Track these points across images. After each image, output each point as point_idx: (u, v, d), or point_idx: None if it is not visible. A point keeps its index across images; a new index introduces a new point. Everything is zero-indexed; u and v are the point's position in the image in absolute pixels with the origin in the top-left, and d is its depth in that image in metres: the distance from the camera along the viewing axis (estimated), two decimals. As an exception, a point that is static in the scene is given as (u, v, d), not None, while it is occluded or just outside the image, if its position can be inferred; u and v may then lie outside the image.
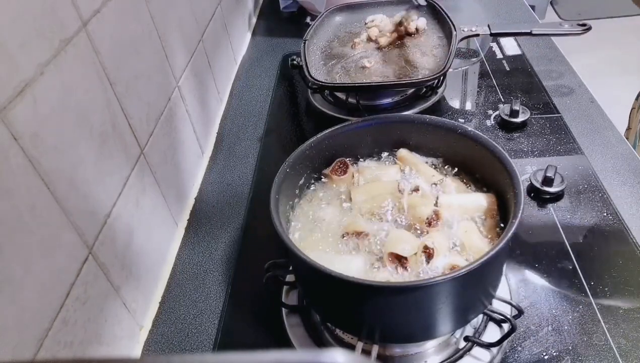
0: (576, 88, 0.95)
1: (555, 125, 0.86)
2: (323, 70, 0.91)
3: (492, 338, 0.55)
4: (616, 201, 0.71)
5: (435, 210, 0.54)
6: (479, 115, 0.91)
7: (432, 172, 0.61)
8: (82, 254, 0.50)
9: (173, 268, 0.70)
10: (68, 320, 0.47)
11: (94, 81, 0.54)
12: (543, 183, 0.73)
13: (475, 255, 0.51)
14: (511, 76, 1.00)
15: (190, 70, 0.83)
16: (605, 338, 0.56)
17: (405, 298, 0.46)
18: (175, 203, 0.74)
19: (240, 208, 0.78)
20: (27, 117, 0.43)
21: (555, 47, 1.07)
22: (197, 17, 0.89)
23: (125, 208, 0.59)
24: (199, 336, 0.62)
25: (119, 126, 0.58)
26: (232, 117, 0.98)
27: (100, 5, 0.56)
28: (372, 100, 0.93)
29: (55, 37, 0.47)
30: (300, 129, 0.95)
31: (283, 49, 1.19)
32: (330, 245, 0.55)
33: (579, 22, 0.92)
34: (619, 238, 0.66)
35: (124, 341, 0.58)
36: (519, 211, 0.47)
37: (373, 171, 0.62)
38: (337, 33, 1.02)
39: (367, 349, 0.53)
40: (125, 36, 0.61)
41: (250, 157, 0.88)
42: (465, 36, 0.95)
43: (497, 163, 0.54)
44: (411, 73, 0.87)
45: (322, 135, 0.61)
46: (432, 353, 0.55)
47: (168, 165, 0.72)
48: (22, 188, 0.42)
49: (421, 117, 0.63)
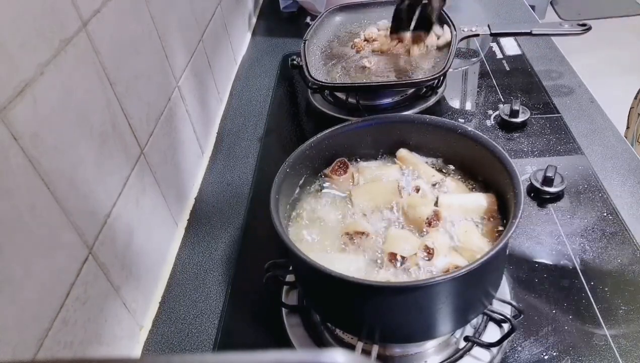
0: (576, 88, 0.95)
1: (555, 125, 0.86)
2: (323, 70, 0.91)
3: (492, 338, 0.55)
4: (616, 201, 0.71)
5: (435, 210, 0.54)
6: (479, 115, 0.91)
7: (432, 172, 0.61)
8: (82, 254, 0.50)
9: (173, 268, 0.70)
10: (68, 320, 0.47)
11: (94, 81, 0.54)
12: (543, 183, 0.73)
13: (475, 255, 0.50)
14: (511, 76, 0.99)
15: (190, 70, 0.83)
16: (605, 338, 0.56)
17: (405, 298, 0.46)
18: (175, 203, 0.74)
19: (240, 208, 0.78)
20: (27, 117, 0.43)
21: (555, 47, 1.07)
22: (197, 17, 0.89)
23: (125, 208, 0.59)
24: (199, 336, 0.62)
25: (119, 126, 0.58)
26: (232, 117, 0.98)
27: (100, 5, 0.56)
28: (372, 100, 0.93)
29: (55, 37, 0.47)
30: (300, 129, 0.95)
31: (283, 49, 1.19)
32: (330, 245, 0.55)
33: (579, 22, 0.92)
34: (619, 238, 0.66)
35: (124, 341, 0.58)
36: (519, 211, 0.47)
37: (373, 171, 0.62)
38: (337, 33, 1.01)
39: (367, 349, 0.53)
40: (125, 36, 0.61)
41: (250, 157, 0.88)
42: (465, 36, 0.95)
43: (497, 163, 0.54)
44: (411, 73, 0.87)
45: (322, 135, 0.61)
46: (432, 353, 0.55)
47: (168, 165, 0.72)
48: (22, 189, 0.42)
49: (421, 117, 0.63)
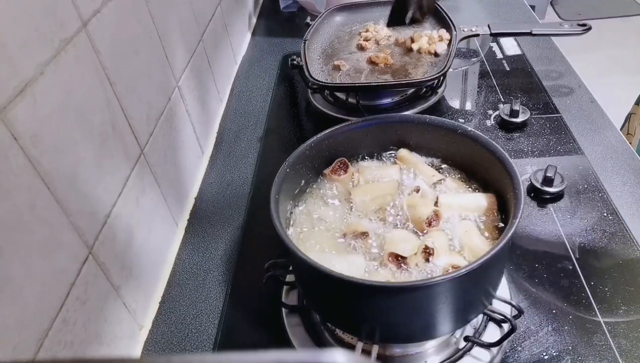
0: (576, 88, 0.95)
1: (555, 125, 0.86)
2: (323, 70, 0.91)
3: (492, 338, 0.55)
4: (616, 201, 0.71)
5: (435, 210, 0.54)
6: (479, 115, 0.91)
7: (432, 172, 0.61)
8: (82, 254, 0.50)
9: (173, 268, 0.70)
10: (68, 320, 0.47)
11: (94, 81, 0.54)
12: (543, 183, 0.73)
13: (475, 255, 0.50)
14: (511, 76, 0.99)
15: (190, 70, 0.83)
16: (605, 338, 0.56)
17: (405, 298, 0.46)
18: (175, 203, 0.74)
19: (240, 209, 0.78)
20: (27, 117, 0.43)
21: (555, 47, 1.07)
22: (197, 17, 0.89)
23: (125, 208, 0.59)
24: (199, 336, 0.62)
25: (119, 126, 0.58)
26: (232, 117, 0.98)
27: (100, 5, 0.56)
28: (372, 100, 0.93)
29: (55, 37, 0.47)
30: (300, 129, 0.95)
31: (283, 49, 1.19)
32: (330, 245, 0.55)
33: (579, 22, 0.92)
34: (619, 239, 0.66)
35: (124, 341, 0.58)
36: (519, 211, 0.47)
37: (373, 171, 0.62)
38: (337, 33, 1.01)
39: (367, 349, 0.53)
40: (125, 36, 0.61)
41: (250, 157, 0.88)
42: (465, 36, 0.95)
43: (497, 163, 0.54)
44: (411, 73, 0.87)
45: (322, 135, 0.61)
46: (432, 353, 0.55)
47: (168, 165, 0.72)
48: (22, 189, 0.42)
49: (421, 117, 0.63)
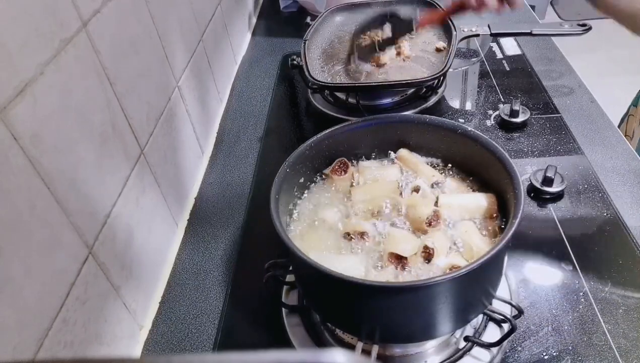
0: (576, 88, 0.95)
1: (555, 125, 0.86)
2: (323, 70, 0.91)
3: (492, 338, 0.55)
4: (616, 201, 0.71)
5: (435, 210, 0.54)
6: (479, 115, 0.91)
7: (432, 172, 0.61)
8: (82, 254, 0.50)
9: (173, 268, 0.70)
10: (68, 320, 0.47)
11: (94, 81, 0.54)
12: (543, 183, 0.73)
13: (475, 255, 0.50)
14: (511, 76, 0.99)
15: (190, 70, 0.83)
16: (605, 338, 0.56)
17: (405, 298, 0.46)
18: (175, 203, 0.74)
19: (240, 208, 0.78)
20: (27, 117, 0.43)
21: (555, 47, 1.07)
22: (197, 17, 0.89)
23: (125, 208, 0.59)
24: (199, 336, 0.62)
25: (119, 126, 0.58)
26: (232, 117, 0.98)
27: (100, 5, 0.56)
28: (372, 100, 0.93)
29: (55, 37, 0.47)
30: (300, 129, 0.95)
31: (283, 49, 1.19)
32: (330, 245, 0.55)
33: (579, 22, 0.92)
34: (619, 238, 0.66)
35: (124, 341, 0.58)
36: (519, 211, 0.47)
37: (373, 171, 0.62)
38: (337, 33, 1.01)
39: (367, 349, 0.53)
40: (125, 36, 0.61)
41: (250, 157, 0.88)
42: (465, 36, 0.95)
43: (497, 163, 0.54)
44: (411, 73, 0.87)
45: (322, 135, 0.61)
46: (432, 353, 0.55)
47: (168, 165, 0.72)
48: (22, 188, 0.42)
49: (421, 117, 0.63)
